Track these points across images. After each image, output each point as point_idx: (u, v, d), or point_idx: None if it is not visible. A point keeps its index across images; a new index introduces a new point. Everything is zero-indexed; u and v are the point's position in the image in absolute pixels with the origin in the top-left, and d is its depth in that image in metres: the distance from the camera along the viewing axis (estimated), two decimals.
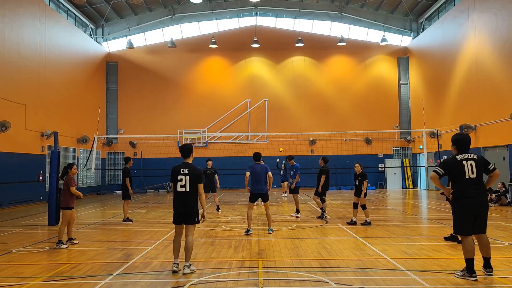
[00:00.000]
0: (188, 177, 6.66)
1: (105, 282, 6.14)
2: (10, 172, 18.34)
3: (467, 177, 6.04)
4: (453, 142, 6.41)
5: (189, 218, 6.66)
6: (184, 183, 6.64)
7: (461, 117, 21.95)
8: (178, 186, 6.68)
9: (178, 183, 6.68)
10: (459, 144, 6.31)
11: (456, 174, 6.09)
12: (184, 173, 6.67)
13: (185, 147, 6.94)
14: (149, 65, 30.51)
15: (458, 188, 6.10)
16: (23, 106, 19.40)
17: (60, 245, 8.78)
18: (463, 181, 6.05)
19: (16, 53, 19.29)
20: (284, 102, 30.38)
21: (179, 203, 6.68)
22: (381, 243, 8.85)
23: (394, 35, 30.56)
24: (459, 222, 6.11)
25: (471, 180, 6.04)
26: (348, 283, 5.90)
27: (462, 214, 6.06)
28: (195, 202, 6.70)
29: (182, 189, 6.65)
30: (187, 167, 6.73)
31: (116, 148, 29.84)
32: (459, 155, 6.19)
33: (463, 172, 6.05)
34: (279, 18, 31.10)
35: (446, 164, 6.22)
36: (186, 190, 6.64)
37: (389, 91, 30.60)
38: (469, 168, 6.05)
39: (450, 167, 6.15)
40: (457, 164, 6.10)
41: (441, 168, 6.18)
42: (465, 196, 6.03)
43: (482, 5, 20.83)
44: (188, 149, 6.92)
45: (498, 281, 5.91)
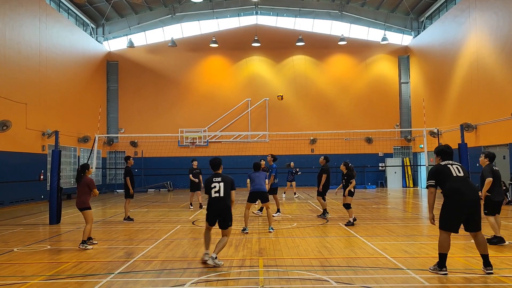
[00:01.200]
0: (222, 183, 7.20)
1: (106, 281, 6.16)
2: (11, 171, 18.37)
3: (454, 175, 6.23)
4: (437, 153, 6.61)
5: (224, 223, 7.20)
6: (218, 189, 7.16)
7: (461, 116, 21.94)
8: (212, 192, 7.16)
9: (212, 190, 7.17)
10: (443, 154, 6.52)
11: (444, 176, 6.27)
12: (217, 181, 7.22)
13: (215, 161, 7.53)
14: (149, 64, 30.52)
15: (449, 186, 6.19)
16: (24, 105, 19.43)
17: (86, 246, 8.57)
18: (451, 179, 6.21)
19: (16, 52, 19.31)
20: (285, 101, 30.26)
21: (214, 208, 7.19)
22: (381, 242, 8.86)
23: (394, 34, 30.54)
24: (446, 218, 6.22)
25: (459, 177, 6.22)
26: (348, 282, 5.91)
27: (453, 211, 6.17)
28: (229, 207, 7.22)
29: (216, 194, 7.15)
30: (219, 176, 7.31)
31: (117, 147, 29.86)
32: (443, 162, 6.43)
33: (450, 173, 6.25)
34: (279, 17, 31.08)
35: (433, 172, 6.37)
36: (220, 195, 7.13)
37: (389, 90, 30.58)
38: (455, 169, 6.29)
39: (438, 173, 6.31)
40: (443, 168, 6.32)
41: (431, 179, 6.33)
42: (458, 192, 6.12)
43: (483, 4, 20.81)
44: (218, 163, 7.52)
45: (499, 280, 5.92)
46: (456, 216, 6.14)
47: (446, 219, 6.23)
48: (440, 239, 6.26)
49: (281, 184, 16.51)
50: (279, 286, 5.78)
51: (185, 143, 29.61)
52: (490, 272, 6.14)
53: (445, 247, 6.20)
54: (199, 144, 29.56)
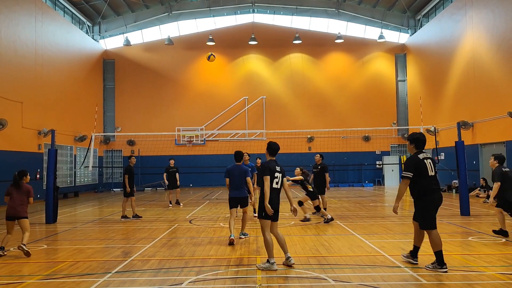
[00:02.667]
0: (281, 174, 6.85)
1: (103, 280, 6.14)
2: (7, 170, 18.23)
3: (429, 175, 6.45)
4: (412, 141, 6.70)
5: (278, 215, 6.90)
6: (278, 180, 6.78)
7: (458, 114, 21.99)
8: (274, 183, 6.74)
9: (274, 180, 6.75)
10: (418, 143, 6.63)
11: (422, 172, 6.41)
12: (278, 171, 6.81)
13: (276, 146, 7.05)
14: (146, 62, 30.43)
15: (424, 184, 6.40)
16: (20, 104, 19.33)
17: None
18: (427, 178, 6.41)
19: (12, 51, 19.20)
20: (282, 100, 30.36)
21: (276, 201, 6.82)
22: (379, 240, 8.86)
23: (391, 32, 30.55)
24: (429, 217, 6.41)
25: (433, 177, 6.49)
26: (346, 280, 5.91)
27: (432, 208, 6.42)
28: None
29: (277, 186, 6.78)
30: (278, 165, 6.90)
31: (113, 146, 29.78)
32: (420, 154, 6.53)
33: (426, 171, 6.43)
34: (276, 15, 31.04)
35: (412, 165, 6.45)
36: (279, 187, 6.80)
37: (386, 88, 30.62)
38: (429, 167, 6.47)
39: (416, 168, 6.41)
40: (421, 163, 6.44)
41: (409, 171, 6.43)
42: (431, 191, 6.41)
43: (479, 2, 20.83)
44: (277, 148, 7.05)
45: (496, 277, 5.93)
46: (434, 211, 6.45)
47: (429, 218, 6.41)
48: (432, 238, 6.36)
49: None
50: (277, 285, 5.77)
51: (182, 142, 29.56)
52: (416, 262, 6.58)
53: (439, 244, 6.34)
54: (196, 143, 29.51)
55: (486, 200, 16.59)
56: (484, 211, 13.85)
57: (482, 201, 16.69)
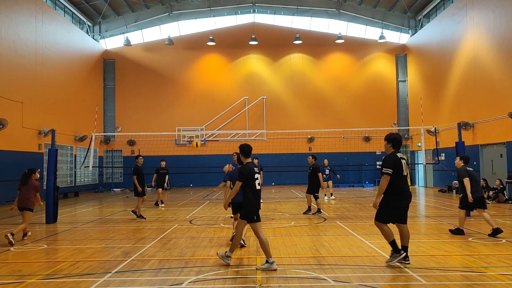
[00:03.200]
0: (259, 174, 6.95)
1: (103, 280, 6.13)
2: (7, 170, 18.28)
3: (404, 174, 6.78)
4: (389, 140, 6.95)
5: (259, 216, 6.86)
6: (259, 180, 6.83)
7: (459, 115, 21.97)
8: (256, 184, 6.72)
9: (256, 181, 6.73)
10: (395, 142, 6.91)
11: (398, 171, 6.69)
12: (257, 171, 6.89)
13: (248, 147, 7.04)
14: (146, 62, 30.43)
15: (397, 183, 6.68)
16: (20, 104, 19.33)
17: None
18: (400, 177, 6.73)
19: (12, 51, 19.20)
20: (282, 100, 30.36)
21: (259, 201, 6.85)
22: (379, 240, 8.84)
23: (392, 32, 30.54)
24: (388, 213, 6.72)
25: (405, 177, 6.84)
26: (346, 280, 5.91)
27: (398, 205, 6.73)
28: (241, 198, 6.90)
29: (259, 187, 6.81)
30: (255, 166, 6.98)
31: (113, 146, 29.77)
32: (398, 154, 6.82)
33: (401, 170, 6.74)
34: (277, 15, 31.04)
35: (392, 163, 6.69)
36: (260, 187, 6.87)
37: (387, 88, 30.60)
38: (404, 166, 6.81)
39: (395, 166, 6.67)
40: (399, 162, 6.73)
41: (390, 168, 6.66)
42: (403, 190, 6.74)
43: (480, 3, 20.83)
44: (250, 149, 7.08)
45: (496, 278, 5.92)
46: (399, 210, 6.76)
47: (388, 213, 6.74)
48: (384, 230, 6.75)
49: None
50: (277, 285, 5.77)
51: (182, 142, 29.55)
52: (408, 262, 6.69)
53: (391, 234, 6.73)
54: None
55: (487, 201, 16.55)
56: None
57: None
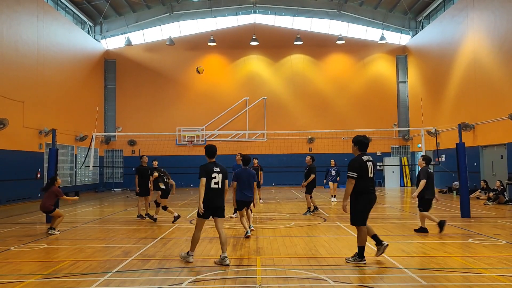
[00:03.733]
0: (221, 174, 7.15)
1: (104, 280, 6.14)
2: (8, 170, 18.30)
3: (369, 176, 6.95)
4: (355, 143, 7.17)
5: (222, 213, 7.23)
6: (217, 180, 7.08)
7: (459, 116, 21.97)
8: (212, 183, 7.03)
9: (212, 180, 7.03)
10: (361, 145, 7.11)
11: (363, 173, 6.88)
12: (217, 171, 7.11)
13: (213, 148, 7.36)
14: (147, 62, 30.45)
15: (363, 185, 6.88)
16: (21, 104, 19.35)
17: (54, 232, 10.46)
18: (366, 179, 6.90)
19: (14, 51, 19.23)
20: (283, 100, 30.36)
21: (214, 199, 7.07)
22: None
23: (392, 33, 30.56)
24: (360, 214, 6.92)
25: (371, 179, 7.00)
26: (346, 281, 5.91)
27: (365, 206, 6.94)
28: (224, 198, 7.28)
29: (215, 186, 7.05)
30: (217, 166, 7.19)
31: (114, 146, 29.79)
32: (364, 157, 7.00)
33: (367, 172, 6.91)
34: (277, 16, 31.06)
35: (357, 166, 6.87)
36: (219, 186, 7.09)
37: (387, 89, 30.61)
38: (370, 168, 6.96)
39: (360, 169, 6.86)
40: (364, 165, 6.91)
41: (354, 172, 6.85)
42: (367, 191, 6.92)
43: (480, 4, 20.83)
44: (215, 150, 7.38)
45: (496, 279, 5.93)
46: (367, 210, 6.97)
47: (360, 215, 6.92)
48: (360, 234, 6.90)
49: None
50: (276, 285, 5.78)
51: (183, 142, 29.56)
52: (364, 262, 6.89)
53: (365, 240, 6.92)
54: (197, 143, 29.50)
55: (487, 202, 16.58)
56: (485, 213, 13.84)
57: (482, 203, 16.67)
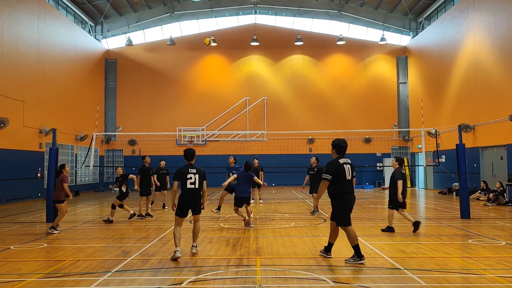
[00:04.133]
0: (197, 175, 7.57)
1: (103, 279, 6.15)
2: (8, 169, 18.32)
3: (347, 179, 7.08)
4: (333, 146, 7.37)
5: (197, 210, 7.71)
6: (193, 180, 7.51)
7: (459, 117, 21.97)
8: (188, 183, 7.49)
9: (188, 180, 7.48)
10: (339, 148, 7.30)
11: (340, 175, 7.03)
12: (193, 172, 7.55)
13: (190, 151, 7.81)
14: (148, 62, 30.47)
15: (340, 187, 7.05)
16: (21, 103, 19.36)
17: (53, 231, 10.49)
18: (344, 181, 7.05)
19: (15, 50, 19.24)
20: (283, 101, 30.37)
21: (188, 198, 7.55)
22: (378, 242, 8.87)
23: (393, 34, 30.56)
24: (343, 215, 7.10)
25: (349, 181, 7.13)
26: (345, 282, 5.92)
27: (345, 207, 7.10)
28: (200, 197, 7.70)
29: (191, 186, 7.50)
30: (194, 167, 7.62)
31: (114, 146, 29.80)
32: (341, 159, 7.17)
33: (344, 174, 7.06)
34: (278, 17, 31.07)
35: (333, 169, 7.06)
36: (195, 186, 7.53)
37: (387, 90, 30.61)
38: (347, 171, 7.10)
39: (336, 172, 7.04)
40: (341, 167, 7.08)
41: (329, 174, 7.04)
42: (346, 193, 7.08)
43: (481, 5, 20.84)
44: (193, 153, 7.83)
45: (496, 280, 5.93)
46: (347, 210, 7.12)
47: (344, 216, 7.09)
48: (349, 234, 7.01)
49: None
50: (276, 286, 5.78)
51: (183, 142, 29.57)
52: (330, 257, 7.23)
53: (355, 238, 6.99)
54: (197, 143, 29.52)
55: (487, 203, 16.58)
56: (484, 214, 13.85)
57: (482, 204, 16.68)
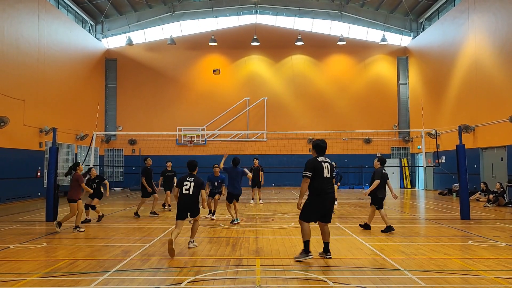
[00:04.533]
0: (193, 183, 8.04)
1: (103, 279, 6.14)
2: (8, 168, 18.31)
3: (324, 176, 7.11)
4: (313, 146, 7.46)
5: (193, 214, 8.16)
6: (188, 187, 8.01)
7: (459, 118, 21.96)
8: (183, 189, 8.03)
9: (183, 187, 8.04)
10: (318, 148, 7.36)
11: (318, 173, 7.09)
12: (190, 181, 8.09)
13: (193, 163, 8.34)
14: (148, 62, 30.46)
15: (317, 185, 7.09)
16: (21, 102, 19.36)
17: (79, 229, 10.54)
18: (321, 179, 7.09)
19: (15, 49, 19.23)
20: (283, 101, 30.36)
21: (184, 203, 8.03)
22: (378, 243, 8.86)
23: (394, 34, 30.55)
24: (310, 212, 7.16)
25: (327, 179, 7.15)
26: (345, 282, 5.91)
27: (317, 205, 7.13)
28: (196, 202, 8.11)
29: (186, 192, 7.99)
30: (192, 177, 8.17)
31: (114, 145, 29.79)
32: (319, 158, 7.24)
33: (322, 172, 7.11)
34: (279, 17, 31.06)
35: (311, 166, 7.13)
36: (189, 193, 7.98)
37: (388, 90, 30.60)
38: (326, 169, 7.15)
39: (315, 169, 7.10)
40: (319, 165, 7.14)
41: (308, 171, 7.10)
42: (323, 191, 7.09)
43: (482, 6, 20.83)
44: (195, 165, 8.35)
45: (495, 281, 5.92)
46: (319, 210, 7.14)
47: (309, 212, 7.15)
48: (304, 228, 7.12)
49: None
50: (276, 286, 5.77)
51: (183, 142, 29.57)
52: (329, 257, 7.22)
53: (308, 234, 7.12)
54: (197, 143, 29.51)
55: (487, 204, 16.57)
56: (484, 215, 13.84)
57: (482, 205, 16.67)
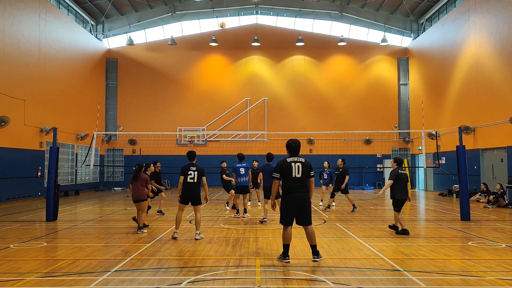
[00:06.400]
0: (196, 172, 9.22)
1: (103, 279, 6.15)
2: (9, 168, 18.32)
3: (293, 176, 7.07)
4: (286, 146, 7.44)
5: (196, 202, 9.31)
6: (192, 176, 9.19)
7: (460, 119, 21.96)
8: (188, 178, 9.19)
9: (188, 176, 9.18)
10: (289, 148, 7.35)
11: (286, 174, 7.10)
12: (193, 170, 9.23)
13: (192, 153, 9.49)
14: (149, 62, 30.48)
15: (285, 185, 7.14)
16: (22, 102, 19.37)
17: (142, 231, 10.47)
18: (289, 179, 7.09)
19: (16, 48, 19.25)
20: (284, 101, 30.38)
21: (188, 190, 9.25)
22: (378, 243, 8.86)
23: (394, 35, 30.55)
24: (282, 213, 7.19)
25: (296, 179, 7.08)
26: (345, 283, 5.91)
27: (286, 207, 7.12)
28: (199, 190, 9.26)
29: (191, 180, 9.20)
30: (194, 166, 9.31)
31: (115, 145, 29.80)
32: (289, 158, 7.22)
33: (290, 172, 7.09)
34: (279, 17, 31.08)
35: (279, 167, 7.18)
36: (194, 181, 9.20)
37: (388, 91, 30.60)
38: (295, 169, 7.09)
39: (282, 170, 7.12)
40: (286, 165, 7.13)
41: (277, 172, 7.18)
42: (289, 191, 7.09)
43: (482, 7, 20.83)
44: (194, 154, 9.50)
45: (495, 283, 5.93)
46: (289, 211, 7.10)
47: (282, 213, 7.20)
48: (284, 232, 7.14)
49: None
50: (276, 286, 5.78)
51: (184, 142, 29.58)
52: (316, 260, 7.15)
53: (287, 239, 7.12)
54: (198, 143, 29.52)
55: (487, 205, 16.57)
56: (485, 216, 13.84)
57: (482, 206, 16.67)
